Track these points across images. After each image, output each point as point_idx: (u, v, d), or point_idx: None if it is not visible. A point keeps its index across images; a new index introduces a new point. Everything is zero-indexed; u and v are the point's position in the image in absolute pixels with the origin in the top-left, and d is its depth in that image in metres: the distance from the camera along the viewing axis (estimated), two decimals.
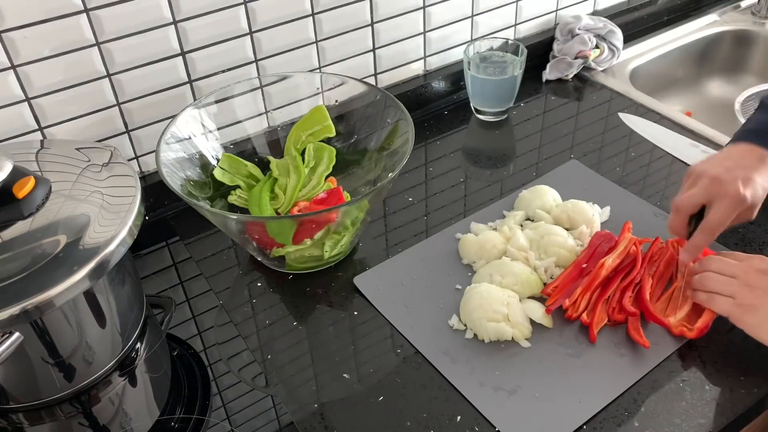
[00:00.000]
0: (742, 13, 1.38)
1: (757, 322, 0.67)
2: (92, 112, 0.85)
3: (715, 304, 0.71)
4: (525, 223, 0.87)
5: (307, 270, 0.83)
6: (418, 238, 0.87)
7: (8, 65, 0.76)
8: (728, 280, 0.70)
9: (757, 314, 0.67)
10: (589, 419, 0.66)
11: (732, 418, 0.66)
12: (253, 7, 0.89)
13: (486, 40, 1.09)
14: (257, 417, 0.69)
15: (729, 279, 0.70)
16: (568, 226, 0.85)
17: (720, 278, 0.71)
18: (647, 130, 1.04)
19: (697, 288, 0.73)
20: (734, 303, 0.69)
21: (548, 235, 0.82)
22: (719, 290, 0.71)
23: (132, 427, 0.69)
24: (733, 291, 0.69)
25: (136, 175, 0.70)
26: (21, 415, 0.70)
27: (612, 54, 1.19)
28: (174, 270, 0.87)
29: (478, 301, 0.74)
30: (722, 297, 0.70)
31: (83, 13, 0.78)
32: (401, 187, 0.96)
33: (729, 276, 0.71)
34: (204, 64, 0.89)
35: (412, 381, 0.71)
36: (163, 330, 0.79)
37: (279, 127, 0.94)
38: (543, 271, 0.79)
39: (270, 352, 0.75)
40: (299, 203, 0.85)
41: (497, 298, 0.74)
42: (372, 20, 1.01)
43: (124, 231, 0.63)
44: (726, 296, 0.70)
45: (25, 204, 0.63)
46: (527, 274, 0.78)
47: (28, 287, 0.58)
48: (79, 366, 0.68)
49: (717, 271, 0.72)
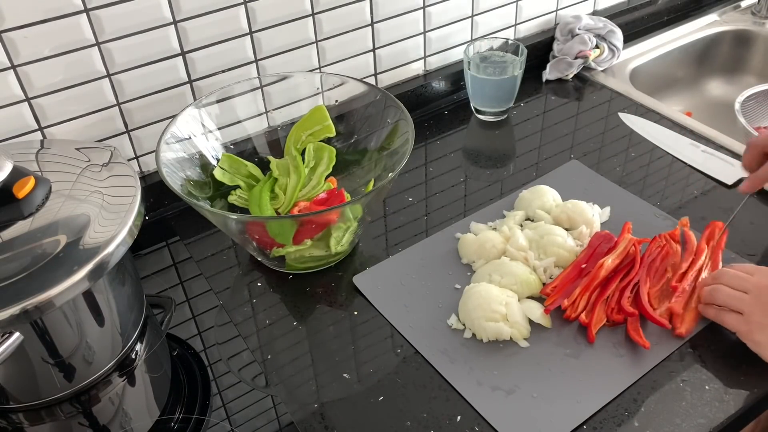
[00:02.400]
0: (742, 13, 1.38)
1: (764, 341, 0.67)
2: (92, 112, 0.85)
3: (724, 320, 0.70)
4: (525, 223, 0.87)
5: (307, 270, 0.83)
6: (418, 238, 0.87)
7: (8, 65, 0.76)
8: (739, 296, 0.70)
9: (764, 333, 0.67)
10: (588, 419, 0.66)
11: (732, 418, 0.66)
12: (253, 7, 0.89)
13: (486, 40, 1.09)
14: (257, 417, 0.69)
15: (740, 294, 0.70)
16: (567, 227, 0.85)
17: (731, 293, 0.70)
18: (647, 130, 1.04)
19: (707, 301, 0.73)
20: (743, 320, 0.69)
21: (548, 235, 0.82)
22: (729, 305, 0.70)
23: (132, 427, 0.69)
24: (743, 307, 0.69)
25: (136, 175, 0.70)
26: (21, 415, 0.70)
27: (612, 54, 1.19)
28: (174, 270, 0.87)
29: (477, 301, 0.74)
30: (731, 313, 0.70)
31: (83, 13, 0.78)
32: (401, 187, 0.96)
33: (740, 291, 0.70)
34: (204, 64, 0.89)
35: (412, 381, 0.71)
36: (163, 330, 0.79)
37: (279, 127, 0.94)
38: (542, 271, 0.79)
39: (270, 352, 0.75)
40: (299, 203, 0.85)
41: (496, 297, 0.74)
42: (372, 20, 1.01)
43: (124, 231, 0.63)
44: (735, 312, 0.70)
45: (25, 204, 0.63)
46: (526, 274, 0.78)
47: (28, 287, 0.58)
48: (79, 366, 0.68)
49: (728, 285, 0.71)
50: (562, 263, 0.80)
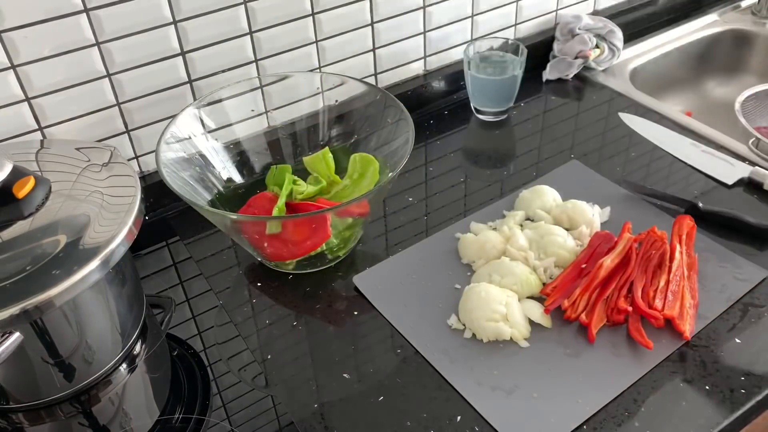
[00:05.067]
0: (742, 13, 1.38)
1: None
2: (92, 112, 0.85)
3: None
4: (525, 223, 0.87)
5: (307, 270, 0.83)
6: (418, 238, 0.87)
7: (8, 65, 0.76)
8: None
9: None
10: (588, 419, 0.66)
11: (732, 418, 0.66)
12: (253, 7, 0.89)
13: (486, 40, 1.09)
14: (257, 417, 0.69)
15: None
16: (567, 227, 0.85)
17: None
18: (647, 130, 1.04)
19: None
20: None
21: (548, 235, 0.81)
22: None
23: (132, 427, 0.69)
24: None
25: (136, 175, 0.70)
26: (21, 415, 0.70)
27: (612, 54, 1.19)
28: (174, 270, 0.87)
29: (477, 301, 0.74)
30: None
31: (83, 13, 0.78)
32: (401, 187, 0.96)
33: None
34: (204, 64, 0.89)
35: (412, 381, 0.71)
36: (163, 330, 0.79)
37: (279, 127, 0.94)
38: (542, 271, 0.79)
39: (270, 352, 0.75)
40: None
41: (496, 297, 0.74)
42: (372, 20, 1.01)
43: (124, 231, 0.63)
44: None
45: (25, 204, 0.63)
46: (526, 274, 0.78)
47: (28, 287, 0.58)
48: (79, 366, 0.68)
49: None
50: (562, 263, 0.80)
